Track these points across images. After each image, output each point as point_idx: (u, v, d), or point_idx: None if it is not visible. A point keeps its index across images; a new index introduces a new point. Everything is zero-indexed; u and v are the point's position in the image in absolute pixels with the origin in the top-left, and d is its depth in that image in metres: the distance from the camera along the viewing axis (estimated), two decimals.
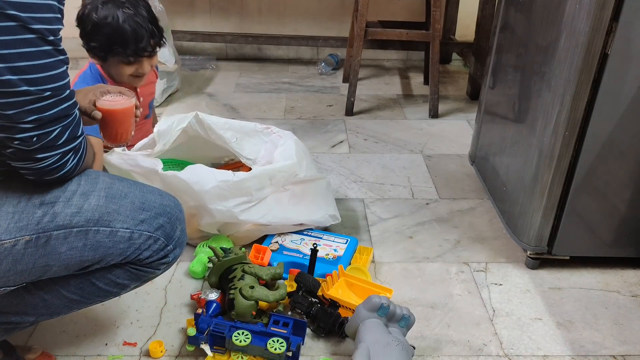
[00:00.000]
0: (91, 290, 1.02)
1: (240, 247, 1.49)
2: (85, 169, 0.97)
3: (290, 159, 1.48)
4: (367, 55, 3.02)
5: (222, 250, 1.33)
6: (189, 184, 1.37)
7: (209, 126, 1.53)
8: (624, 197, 1.36)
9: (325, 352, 1.21)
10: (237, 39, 2.86)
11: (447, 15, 2.89)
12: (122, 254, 0.98)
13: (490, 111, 1.74)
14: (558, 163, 1.33)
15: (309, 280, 1.29)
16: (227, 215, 1.41)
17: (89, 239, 0.94)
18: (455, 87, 2.77)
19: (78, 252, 0.94)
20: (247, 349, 1.14)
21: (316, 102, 2.55)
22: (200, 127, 1.53)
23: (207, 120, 1.53)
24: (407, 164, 2.02)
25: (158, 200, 1.02)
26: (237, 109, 2.44)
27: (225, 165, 1.73)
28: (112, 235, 0.96)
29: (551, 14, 1.31)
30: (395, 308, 1.16)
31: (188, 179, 1.38)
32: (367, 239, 1.59)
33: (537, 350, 1.23)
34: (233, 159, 1.73)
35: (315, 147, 2.12)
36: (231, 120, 1.59)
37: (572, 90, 1.24)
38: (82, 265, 0.97)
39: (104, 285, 1.02)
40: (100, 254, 0.96)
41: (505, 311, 1.34)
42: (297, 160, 1.48)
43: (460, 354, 1.22)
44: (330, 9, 2.97)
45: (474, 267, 1.49)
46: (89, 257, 0.96)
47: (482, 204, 1.77)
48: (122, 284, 1.04)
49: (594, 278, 1.46)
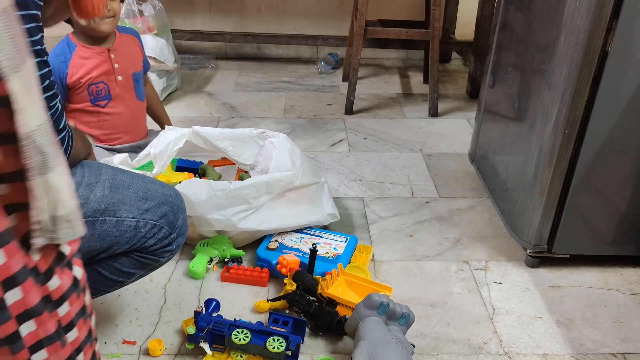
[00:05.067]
0: (97, 280, 1.06)
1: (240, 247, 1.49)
2: (77, 161, 0.98)
3: (286, 170, 1.49)
4: (367, 54, 3.02)
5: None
6: (185, 195, 1.37)
7: (206, 138, 1.58)
8: (624, 195, 1.36)
9: (325, 350, 1.21)
10: (236, 38, 2.86)
11: (447, 14, 2.89)
12: (128, 242, 1.01)
13: (490, 110, 1.74)
14: (558, 161, 1.33)
15: (307, 279, 1.29)
16: (226, 224, 1.42)
17: (97, 229, 0.97)
18: (455, 86, 2.77)
19: (86, 242, 0.96)
20: (246, 348, 1.14)
21: (316, 101, 2.54)
22: (197, 140, 1.58)
23: (203, 133, 1.57)
24: (407, 162, 2.02)
25: (160, 190, 1.05)
26: (237, 108, 2.43)
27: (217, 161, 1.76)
28: (119, 225, 0.99)
29: (551, 12, 1.31)
30: (395, 306, 1.16)
31: (184, 190, 1.38)
32: (366, 237, 1.59)
33: (537, 348, 1.23)
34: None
35: (315, 146, 2.12)
36: (226, 130, 1.63)
37: (572, 89, 1.24)
38: (90, 255, 1.00)
39: (109, 274, 1.06)
40: (108, 242, 1.00)
41: (505, 309, 1.34)
42: (294, 172, 1.49)
43: (460, 352, 1.22)
44: (329, 8, 2.97)
45: (474, 266, 1.49)
46: (97, 247, 0.99)
47: (482, 202, 1.77)
48: (127, 273, 1.07)
49: (593, 276, 1.46)
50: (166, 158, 1.48)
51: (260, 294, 1.37)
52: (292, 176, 1.48)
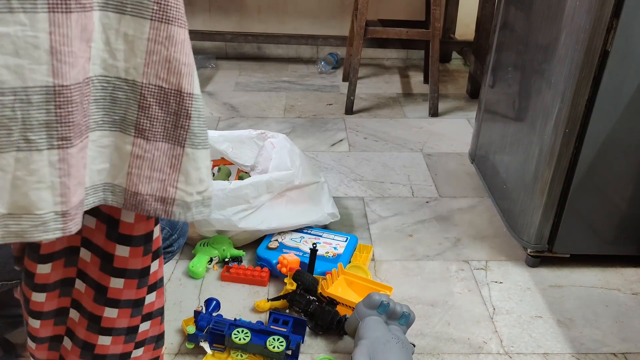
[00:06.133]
0: None
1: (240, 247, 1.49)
2: None
3: (286, 170, 1.49)
4: (367, 54, 3.02)
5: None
6: None
7: None
8: (624, 194, 1.36)
9: (325, 350, 1.21)
10: (236, 37, 2.86)
11: (447, 13, 2.88)
12: None
13: (490, 109, 1.74)
14: (558, 161, 1.32)
15: (307, 279, 1.29)
16: (227, 224, 1.42)
17: None
18: (455, 85, 2.76)
19: None
20: (246, 347, 1.14)
21: (316, 100, 2.54)
22: None
23: None
24: (407, 162, 2.01)
25: None
26: (237, 108, 2.43)
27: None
28: None
29: (551, 11, 1.31)
30: (395, 306, 1.16)
31: None
32: (367, 237, 1.59)
33: (538, 348, 1.23)
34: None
35: (315, 146, 2.12)
36: (225, 132, 1.63)
37: (572, 88, 1.24)
38: None
39: None
40: None
41: (505, 309, 1.34)
42: (293, 171, 1.49)
43: (461, 351, 1.22)
44: (330, 8, 2.97)
45: (474, 265, 1.48)
46: None
47: (482, 202, 1.77)
48: None
49: (594, 276, 1.46)
50: None
51: (261, 294, 1.36)
52: (291, 175, 1.48)
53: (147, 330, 0.80)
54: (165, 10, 0.58)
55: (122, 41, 0.59)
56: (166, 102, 0.61)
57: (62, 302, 0.78)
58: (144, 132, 0.62)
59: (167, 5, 0.58)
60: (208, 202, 0.67)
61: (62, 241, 0.73)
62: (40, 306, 0.76)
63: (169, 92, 0.61)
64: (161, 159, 0.63)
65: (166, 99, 0.61)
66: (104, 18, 0.57)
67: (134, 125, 0.62)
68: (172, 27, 0.59)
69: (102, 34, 0.58)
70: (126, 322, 0.76)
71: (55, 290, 0.76)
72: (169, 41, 0.59)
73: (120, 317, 0.76)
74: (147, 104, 0.61)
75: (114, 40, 0.59)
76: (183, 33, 0.60)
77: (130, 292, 0.75)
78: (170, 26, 0.59)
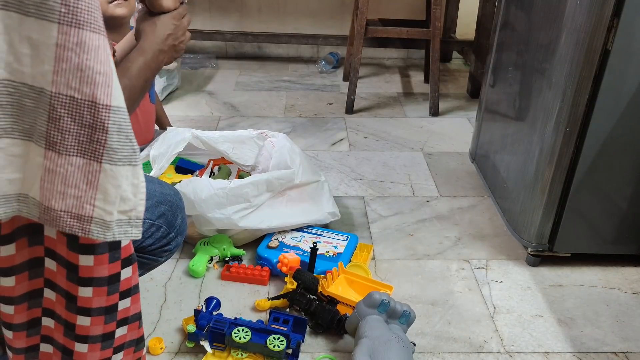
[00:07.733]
0: None
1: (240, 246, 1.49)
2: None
3: (286, 168, 1.49)
4: (367, 54, 3.02)
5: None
6: (185, 194, 1.37)
7: (205, 142, 1.56)
8: (625, 194, 1.36)
9: (325, 349, 1.21)
10: (237, 37, 2.86)
11: (448, 13, 2.88)
12: None
13: (490, 109, 1.74)
14: (559, 160, 1.32)
15: (308, 278, 1.29)
16: (227, 223, 1.42)
17: None
18: (456, 85, 2.76)
19: None
20: (247, 346, 1.14)
21: (316, 100, 2.54)
22: (197, 142, 1.57)
23: (202, 137, 1.56)
24: (408, 161, 2.01)
25: (158, 189, 1.03)
26: (237, 107, 2.43)
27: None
28: None
29: (552, 10, 1.31)
30: (395, 305, 1.16)
31: (184, 189, 1.38)
32: (367, 236, 1.59)
33: (538, 347, 1.23)
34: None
35: (315, 145, 2.12)
36: (225, 133, 1.62)
37: (573, 87, 1.24)
38: None
39: None
40: None
41: (506, 308, 1.34)
42: (294, 170, 1.49)
43: (461, 351, 1.22)
44: (330, 7, 2.97)
45: (475, 265, 1.48)
46: None
47: (483, 201, 1.77)
48: None
49: (594, 275, 1.46)
50: (165, 161, 1.48)
51: (261, 293, 1.36)
52: (292, 174, 1.48)
53: (124, 335, 0.78)
54: (75, 14, 0.54)
55: (27, 45, 0.55)
56: (79, 113, 0.56)
57: (32, 314, 0.76)
58: (55, 145, 0.58)
59: (77, 7, 0.54)
60: (136, 223, 0.63)
61: (23, 254, 0.70)
62: (10, 318, 0.74)
63: (82, 103, 0.56)
64: (76, 174, 0.58)
65: (79, 111, 0.56)
66: (6, 18, 0.54)
67: (44, 136, 0.58)
68: (84, 32, 0.54)
69: (5, 35, 0.54)
70: (100, 329, 0.74)
71: (23, 304, 0.74)
72: (80, 47, 0.54)
73: (93, 324, 0.73)
74: (58, 115, 0.56)
75: (17, 43, 0.55)
76: (97, 39, 0.55)
77: (101, 299, 0.72)
78: (82, 31, 0.54)
